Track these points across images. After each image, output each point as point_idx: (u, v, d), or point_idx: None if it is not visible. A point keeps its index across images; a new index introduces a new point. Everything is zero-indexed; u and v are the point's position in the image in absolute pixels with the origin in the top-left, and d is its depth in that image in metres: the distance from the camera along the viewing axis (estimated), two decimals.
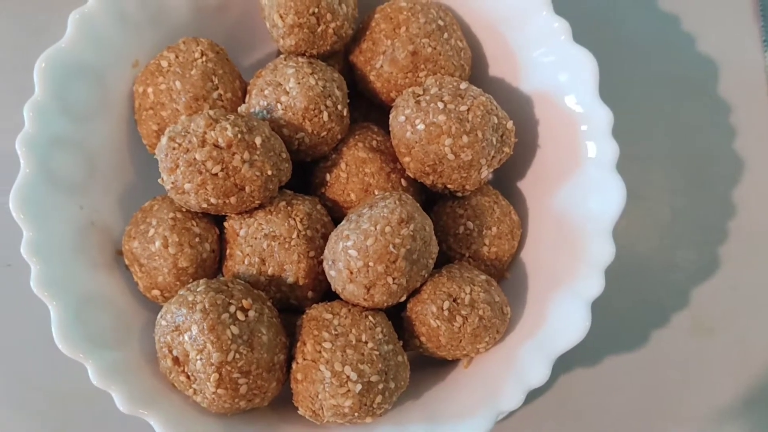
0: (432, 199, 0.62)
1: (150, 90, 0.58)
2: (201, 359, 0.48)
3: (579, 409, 0.68)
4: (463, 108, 0.54)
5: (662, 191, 0.74)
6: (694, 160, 0.74)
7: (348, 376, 0.49)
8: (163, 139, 0.52)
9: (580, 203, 0.57)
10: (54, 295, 0.52)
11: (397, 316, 0.56)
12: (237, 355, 0.48)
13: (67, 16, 0.64)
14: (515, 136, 0.58)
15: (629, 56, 0.76)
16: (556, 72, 0.59)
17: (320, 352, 0.50)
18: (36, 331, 0.64)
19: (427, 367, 0.59)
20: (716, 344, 0.70)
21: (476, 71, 0.64)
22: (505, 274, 0.62)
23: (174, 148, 0.51)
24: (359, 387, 0.49)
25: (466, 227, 0.59)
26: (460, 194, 0.58)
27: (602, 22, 0.76)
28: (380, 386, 0.50)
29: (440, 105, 0.54)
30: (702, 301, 0.70)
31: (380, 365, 0.50)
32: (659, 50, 0.76)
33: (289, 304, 0.56)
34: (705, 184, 0.74)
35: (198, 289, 0.50)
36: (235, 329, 0.48)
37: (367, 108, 0.64)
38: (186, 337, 0.48)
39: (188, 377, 0.50)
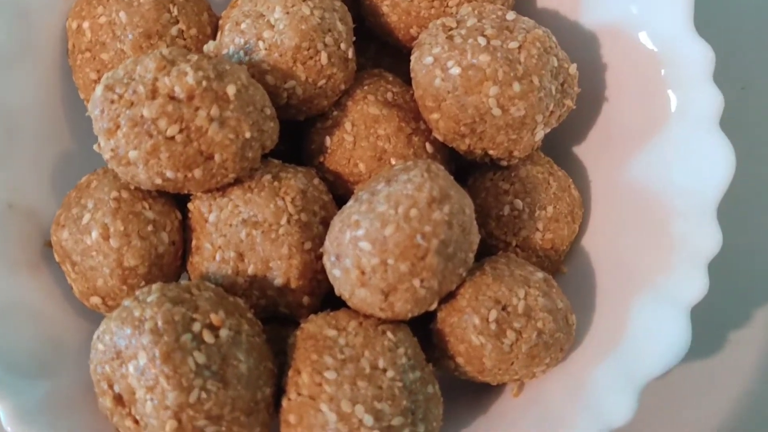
0: (465, 168, 0.55)
1: (86, 25, 0.51)
2: (152, 399, 0.39)
3: (646, 427, 0.60)
4: (513, 45, 0.47)
5: (744, 158, 0.61)
6: None
7: (360, 420, 0.41)
8: (98, 89, 0.44)
9: (665, 173, 0.49)
10: None
11: (424, 328, 0.48)
12: (203, 394, 0.39)
13: None
14: (578, 84, 0.51)
15: None
16: None
17: (321, 384, 0.42)
18: None
19: (463, 393, 0.51)
20: None
21: (521, 1, 0.57)
22: (562, 267, 0.54)
23: (112, 101, 0.43)
24: None
25: (513, 207, 0.52)
26: (504, 163, 0.52)
27: None
28: (405, 431, 0.42)
29: (481, 41, 0.46)
30: None
31: (404, 402, 0.42)
32: None
33: (278, 313, 0.49)
34: None
35: (148, 300, 0.41)
36: (200, 357, 0.40)
37: (378, 50, 0.58)
38: (131, 369, 0.40)
39: (136, 422, 0.41)
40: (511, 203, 0.52)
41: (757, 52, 0.67)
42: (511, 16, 0.48)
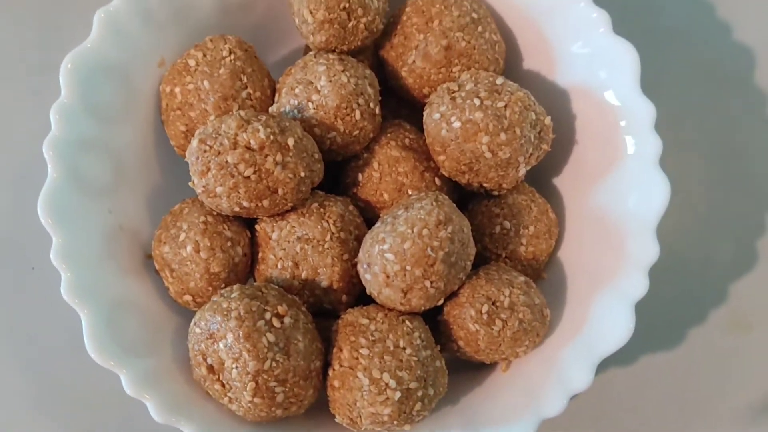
0: (466, 197, 0.60)
1: (177, 90, 0.57)
2: (237, 367, 0.47)
3: (615, 408, 0.67)
4: (501, 104, 0.53)
5: (699, 184, 0.72)
6: (731, 153, 0.72)
7: (387, 384, 0.48)
8: (194, 142, 0.51)
9: (621, 201, 0.56)
10: (85, 302, 0.51)
11: (433, 319, 0.55)
12: (273, 363, 0.47)
13: (85, 15, 0.62)
14: (553, 132, 0.57)
15: (667, 45, 0.74)
16: (595, 65, 0.57)
17: (357, 358, 0.49)
18: (62, 335, 0.65)
19: (463, 370, 0.58)
20: (754, 341, 0.68)
21: (511, 64, 0.63)
22: (542, 274, 0.60)
23: (205, 151, 0.50)
24: (398, 394, 0.48)
25: (502, 227, 0.58)
26: (496, 193, 0.57)
27: (639, 11, 0.75)
28: (419, 393, 0.49)
29: (476, 101, 0.53)
30: (740, 297, 0.69)
31: (419, 371, 0.49)
32: (697, 39, 0.75)
33: (323, 308, 0.55)
34: (743, 176, 0.72)
35: (232, 296, 0.49)
36: (271, 336, 0.48)
37: (397, 104, 0.63)
38: (221, 345, 0.48)
39: (223, 385, 0.49)
40: (501, 224, 0.57)
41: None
42: (500, 81, 0.54)
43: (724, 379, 0.68)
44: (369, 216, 0.57)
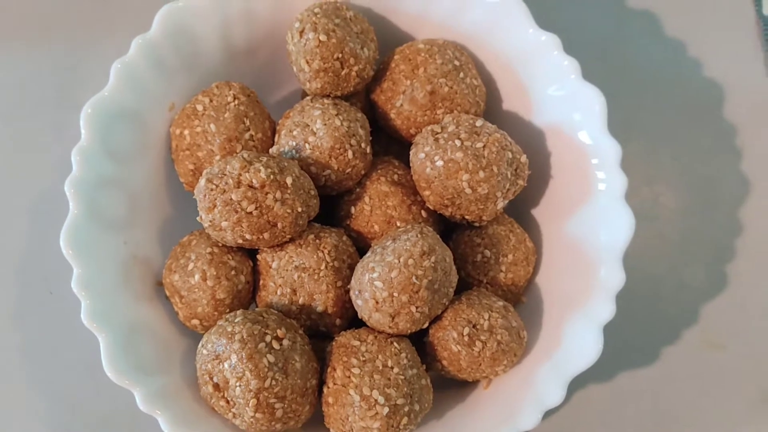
0: (450, 227, 0.63)
1: (186, 132, 0.60)
2: (240, 386, 0.50)
3: (593, 425, 0.69)
4: (479, 144, 0.56)
5: (672, 212, 0.75)
6: (702, 182, 0.75)
7: (376, 400, 0.51)
8: (202, 181, 0.54)
9: (591, 232, 0.58)
10: (103, 327, 0.54)
11: (419, 340, 0.57)
12: (273, 382, 0.50)
13: (97, 53, 0.71)
14: (528, 168, 0.60)
15: (638, 84, 0.78)
16: (567, 108, 0.60)
17: (349, 377, 0.51)
18: (77, 355, 0.68)
19: (448, 388, 0.60)
20: (727, 360, 0.70)
21: (491, 106, 0.66)
22: (522, 298, 0.63)
23: (212, 189, 0.53)
24: (386, 410, 0.51)
25: (483, 255, 0.60)
26: (477, 224, 0.60)
27: (611, 53, 0.78)
28: (406, 409, 0.52)
29: (457, 142, 0.55)
30: (712, 319, 0.71)
31: (405, 389, 0.52)
32: (667, 78, 0.78)
33: (319, 330, 0.58)
34: (713, 205, 0.75)
35: (236, 320, 0.52)
36: (271, 357, 0.50)
37: (387, 142, 0.66)
38: (226, 366, 0.51)
39: (228, 402, 0.52)
40: (482, 252, 0.59)
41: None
42: (479, 123, 0.56)
43: (698, 397, 0.70)
44: (361, 245, 0.59)
